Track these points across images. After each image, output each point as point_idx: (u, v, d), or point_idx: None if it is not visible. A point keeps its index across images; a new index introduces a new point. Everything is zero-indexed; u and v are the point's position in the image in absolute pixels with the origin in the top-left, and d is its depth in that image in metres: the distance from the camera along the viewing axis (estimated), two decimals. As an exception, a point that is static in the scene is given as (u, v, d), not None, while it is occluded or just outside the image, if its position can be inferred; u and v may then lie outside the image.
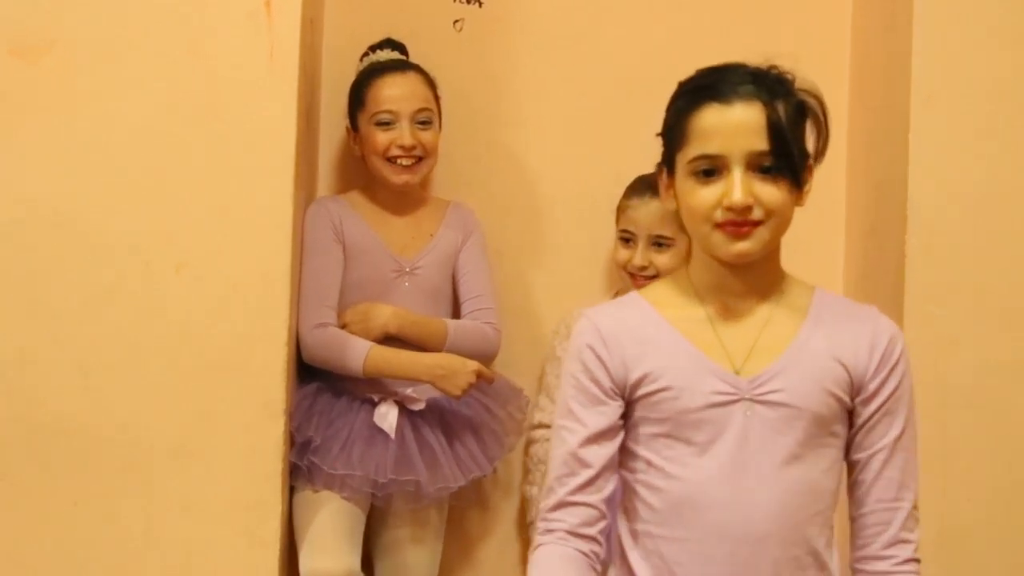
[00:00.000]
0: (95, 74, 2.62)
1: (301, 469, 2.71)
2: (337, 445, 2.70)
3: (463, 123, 3.12)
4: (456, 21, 3.11)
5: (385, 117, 2.80)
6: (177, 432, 2.67)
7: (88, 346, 2.65)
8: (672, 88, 2.12)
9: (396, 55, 2.89)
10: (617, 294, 2.98)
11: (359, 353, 2.70)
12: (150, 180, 2.64)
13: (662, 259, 2.89)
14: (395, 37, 3.00)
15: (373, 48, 2.91)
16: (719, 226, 1.74)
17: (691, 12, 3.19)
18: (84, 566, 2.66)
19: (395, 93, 2.82)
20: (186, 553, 2.69)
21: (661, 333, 1.81)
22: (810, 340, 1.80)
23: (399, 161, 2.81)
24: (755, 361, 1.79)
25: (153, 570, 2.67)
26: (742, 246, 1.73)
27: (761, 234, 1.74)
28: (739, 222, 1.73)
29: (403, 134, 2.80)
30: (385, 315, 2.79)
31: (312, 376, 2.78)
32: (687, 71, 3.11)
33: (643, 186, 2.92)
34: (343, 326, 2.75)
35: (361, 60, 2.91)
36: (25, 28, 2.62)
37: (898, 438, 1.77)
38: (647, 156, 2.97)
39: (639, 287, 2.80)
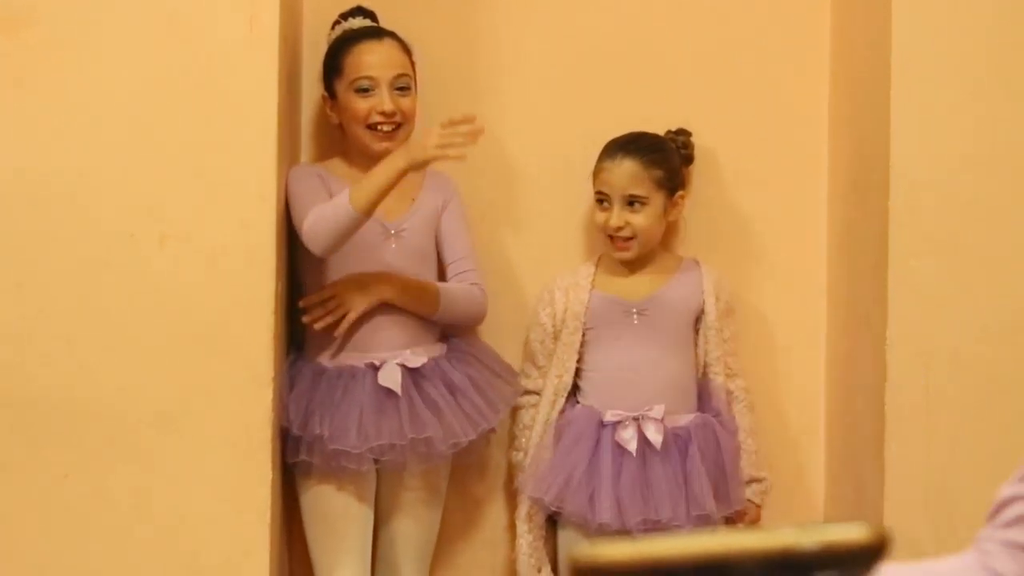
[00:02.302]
0: (77, 47, 2.68)
1: (312, 464, 2.83)
2: (353, 428, 2.80)
3: (439, 90, 3.13)
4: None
5: (364, 84, 2.86)
6: (166, 403, 2.70)
7: (74, 318, 2.70)
8: (648, 52, 2.14)
9: (368, 23, 2.98)
10: (600, 259, 3.09)
11: (343, 200, 2.80)
12: (133, 152, 2.70)
13: (638, 219, 2.95)
14: (372, 4, 3.05)
15: (344, 16, 2.99)
16: None
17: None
18: (75, 537, 2.70)
19: (374, 59, 2.88)
20: (177, 523, 2.72)
21: None
22: None
23: (380, 127, 2.86)
24: None
25: (144, 540, 2.71)
26: None
27: None
28: None
29: (383, 100, 2.85)
30: (380, 282, 2.89)
31: (299, 350, 2.88)
32: (662, 36, 3.17)
33: (615, 147, 3.00)
34: (332, 297, 2.84)
35: (333, 28, 2.99)
36: (7, 2, 2.66)
37: None
38: (622, 121, 3.08)
39: (620, 249, 3.02)
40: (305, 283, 2.95)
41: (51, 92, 2.67)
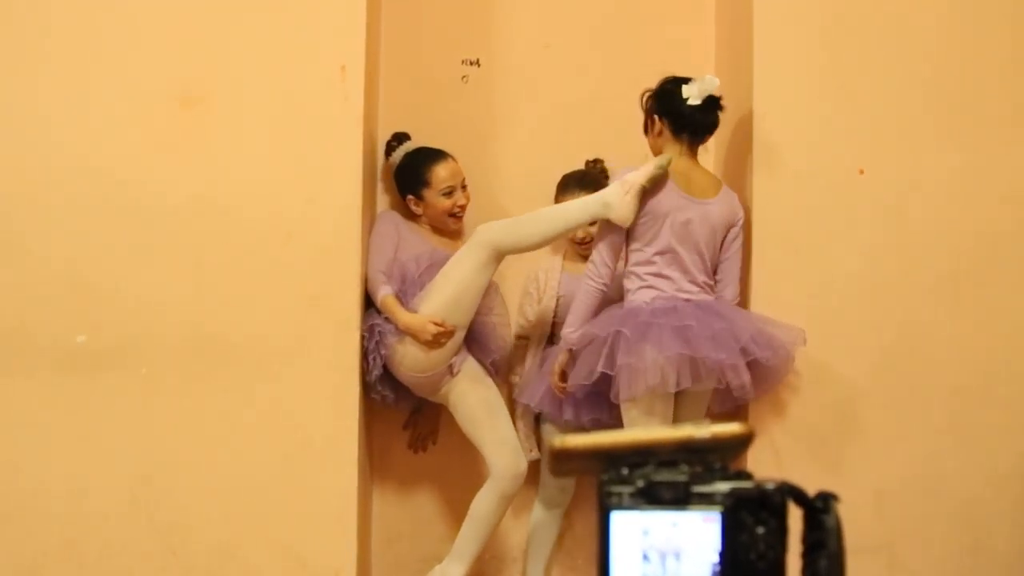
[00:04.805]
0: (227, 114, 3.26)
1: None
2: None
3: (469, 151, 3.65)
4: (463, 76, 3.77)
5: (447, 189, 3.58)
6: (290, 340, 3.21)
7: (237, 292, 3.23)
8: (588, 122, 2.98)
9: (417, 145, 3.62)
10: (564, 253, 3.63)
11: (381, 293, 3.41)
12: (262, 176, 3.26)
13: (594, 229, 3.38)
14: (423, 89, 3.66)
15: (398, 140, 3.65)
16: None
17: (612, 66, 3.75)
18: (230, 427, 3.20)
19: (450, 173, 3.58)
20: (298, 419, 3.18)
21: None
22: None
23: (456, 214, 3.61)
24: None
25: (276, 429, 3.17)
26: None
27: None
28: None
29: (459, 198, 3.60)
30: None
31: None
32: (607, 104, 3.65)
33: (573, 183, 3.52)
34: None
35: (393, 148, 3.63)
36: (186, 87, 3.27)
37: None
38: (572, 158, 3.67)
39: (585, 249, 3.45)
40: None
41: (213, 143, 3.24)
